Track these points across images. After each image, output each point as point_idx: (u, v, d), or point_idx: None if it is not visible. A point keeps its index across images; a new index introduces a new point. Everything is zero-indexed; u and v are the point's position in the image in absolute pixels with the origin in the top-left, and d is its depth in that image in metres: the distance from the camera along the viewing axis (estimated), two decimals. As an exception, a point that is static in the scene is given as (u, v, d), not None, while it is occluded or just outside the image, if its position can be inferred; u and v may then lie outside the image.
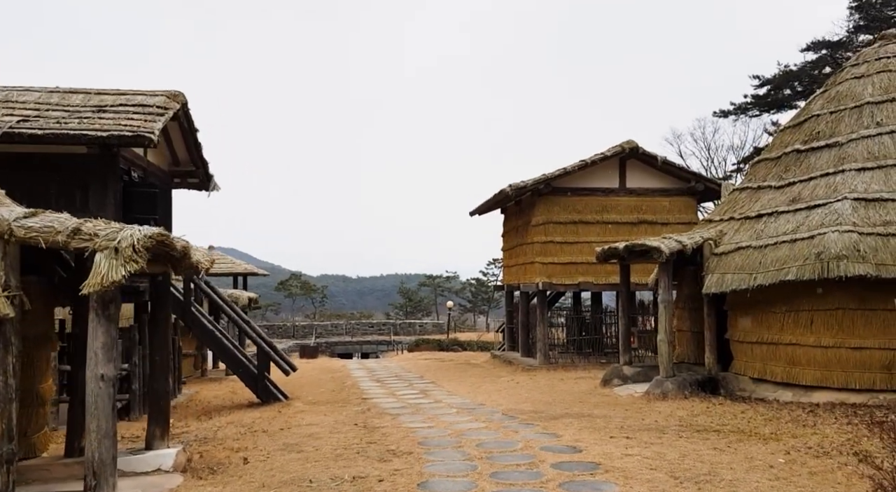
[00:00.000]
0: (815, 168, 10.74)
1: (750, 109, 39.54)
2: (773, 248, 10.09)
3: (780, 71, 36.73)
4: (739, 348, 10.89)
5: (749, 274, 10.13)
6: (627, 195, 18.22)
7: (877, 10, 33.93)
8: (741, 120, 41.11)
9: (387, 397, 12.51)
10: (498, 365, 19.46)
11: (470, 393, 12.81)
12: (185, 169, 14.11)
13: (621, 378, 12.44)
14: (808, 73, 36.38)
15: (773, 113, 39.51)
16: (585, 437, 7.76)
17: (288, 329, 43.03)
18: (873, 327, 9.26)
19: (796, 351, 9.88)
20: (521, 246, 19.38)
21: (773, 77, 37.29)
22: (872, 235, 9.20)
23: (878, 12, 33.89)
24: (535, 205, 17.96)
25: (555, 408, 10.37)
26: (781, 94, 37.75)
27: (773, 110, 39.34)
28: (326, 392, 13.87)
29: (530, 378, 15.18)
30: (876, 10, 33.96)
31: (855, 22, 34.89)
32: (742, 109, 39.74)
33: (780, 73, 36.73)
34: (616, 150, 17.74)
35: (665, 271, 10.95)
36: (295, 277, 60.18)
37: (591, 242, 17.04)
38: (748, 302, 10.52)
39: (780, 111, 39.21)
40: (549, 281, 17.51)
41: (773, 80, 37.20)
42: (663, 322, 10.90)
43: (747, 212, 11.20)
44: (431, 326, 44.64)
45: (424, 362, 21.79)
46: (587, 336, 18.84)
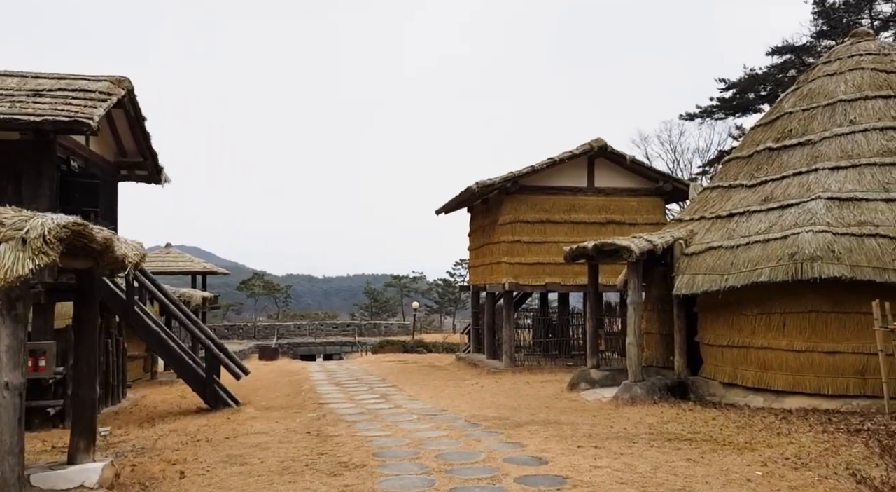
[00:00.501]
0: (787, 167, 10.47)
1: (715, 113, 39.77)
2: (745, 248, 9.77)
3: (745, 74, 36.99)
4: (710, 352, 10.56)
5: (720, 275, 9.80)
6: (596, 195, 17.91)
7: (839, 17, 34.36)
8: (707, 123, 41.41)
9: (345, 402, 11.91)
10: (463, 367, 18.98)
11: (432, 398, 12.28)
12: (132, 160, 13.34)
13: (589, 382, 12.04)
14: (774, 77, 36.72)
15: (738, 116, 39.81)
16: (552, 446, 7.29)
17: (249, 330, 41.93)
18: (847, 331, 8.98)
19: (768, 355, 9.58)
20: (487, 246, 18.94)
21: (738, 81, 37.53)
22: (847, 236, 8.93)
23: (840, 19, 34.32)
24: (503, 203, 17.53)
25: (520, 414, 9.90)
26: (747, 97, 38.04)
27: (739, 114, 39.62)
28: (281, 397, 13.21)
29: (495, 382, 14.72)
30: (838, 17, 34.39)
31: (819, 27, 35.29)
32: (708, 113, 39.95)
33: (745, 77, 36.98)
34: (585, 148, 17.41)
35: (635, 272, 10.57)
36: (258, 276, 58.92)
37: (558, 242, 16.68)
38: (719, 304, 10.19)
39: (745, 115, 39.51)
40: (516, 282, 17.09)
41: (739, 84, 37.46)
42: (633, 325, 10.52)
43: (719, 211, 10.89)
44: (397, 327, 43.98)
45: (388, 365, 21.20)
46: (554, 338, 18.47)
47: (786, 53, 36.43)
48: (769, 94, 37.71)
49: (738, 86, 37.46)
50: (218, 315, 56.02)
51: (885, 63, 10.79)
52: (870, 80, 10.61)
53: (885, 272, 8.55)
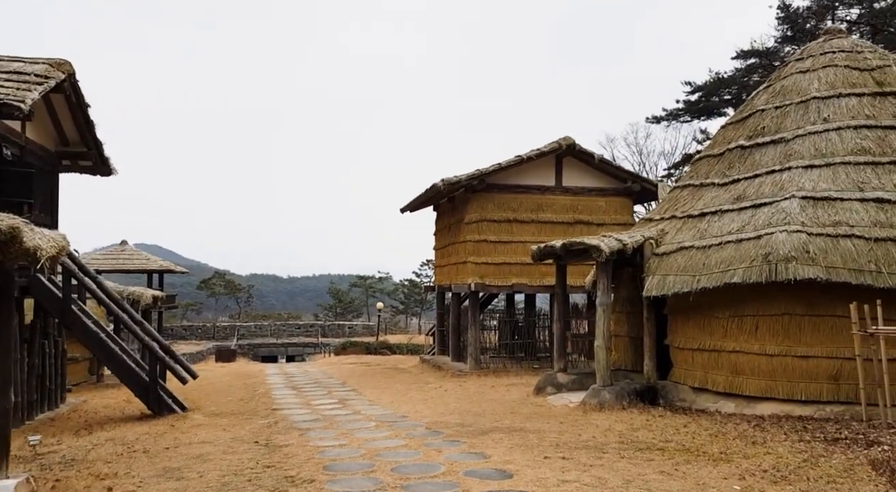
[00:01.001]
0: (760, 165, 10.19)
1: (681, 116, 39.91)
2: (717, 248, 9.45)
3: (711, 78, 37.16)
4: (680, 355, 10.22)
5: (692, 276, 9.46)
6: (563, 194, 17.55)
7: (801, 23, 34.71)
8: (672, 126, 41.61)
9: (300, 408, 11.29)
10: (427, 370, 18.45)
11: (393, 403, 11.73)
12: (75, 150, 12.50)
13: (555, 386, 11.62)
14: (739, 81, 36.98)
15: (703, 120, 40.03)
16: (517, 457, 6.81)
17: (208, 330, 40.77)
18: (821, 335, 8.70)
19: (740, 359, 9.26)
20: (453, 245, 18.45)
21: (704, 84, 37.68)
22: (822, 236, 8.65)
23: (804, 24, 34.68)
24: (469, 202, 17.06)
25: (484, 420, 9.42)
26: (712, 100, 38.25)
27: (704, 117, 39.82)
28: (234, 402, 12.52)
29: (460, 385, 14.23)
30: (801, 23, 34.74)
31: (783, 32, 35.62)
32: (673, 116, 40.06)
33: (711, 80, 37.15)
34: (553, 146, 17.03)
35: (604, 272, 10.17)
36: (219, 275, 57.60)
37: (525, 242, 16.28)
38: (690, 306, 9.86)
39: (710, 118, 39.72)
40: (482, 282, 16.64)
41: (705, 87, 37.61)
42: (602, 327, 10.12)
43: (690, 210, 10.56)
44: (362, 328, 43.24)
45: (349, 367, 20.57)
46: (520, 340, 18.05)
47: (751, 57, 36.71)
48: (734, 98, 38.02)
49: (704, 89, 37.63)
50: (177, 315, 54.56)
51: (858, 60, 10.59)
52: (843, 78, 10.39)
53: (861, 274, 8.28)
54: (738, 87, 37.25)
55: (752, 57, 36.32)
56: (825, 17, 34.45)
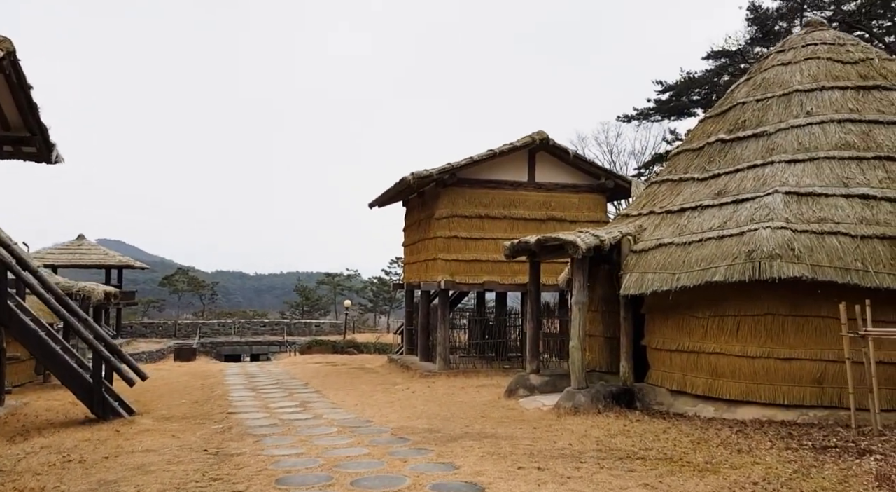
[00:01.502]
0: (741, 159, 9.82)
1: (652, 115, 39.89)
2: (697, 245, 9.05)
3: (682, 77, 37.16)
4: (657, 357, 9.82)
5: (672, 274, 9.05)
6: (536, 190, 17.12)
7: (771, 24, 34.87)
8: (643, 125, 41.64)
9: (258, 411, 10.63)
10: (394, 370, 17.87)
11: (358, 405, 11.14)
12: (17, 135, 11.61)
13: (528, 388, 11.14)
14: (709, 81, 37.05)
15: (673, 120, 40.07)
16: (489, 468, 6.29)
17: (169, 328, 39.54)
18: (804, 336, 8.35)
19: (720, 361, 8.88)
20: (423, 241, 17.89)
21: (675, 83, 37.67)
22: (807, 233, 8.29)
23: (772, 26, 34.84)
24: (440, 197, 16.52)
25: (453, 425, 8.89)
26: (683, 100, 38.26)
27: (674, 117, 39.86)
28: (188, 404, 11.79)
29: (428, 386, 13.68)
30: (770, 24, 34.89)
31: (753, 34, 35.75)
32: (644, 115, 40.03)
33: (682, 80, 37.15)
34: (526, 140, 16.58)
35: (581, 269, 9.71)
36: (182, 271, 56.17)
37: (497, 239, 15.82)
38: (669, 305, 9.46)
39: (680, 118, 39.80)
40: (452, 280, 16.11)
41: (676, 87, 37.60)
42: (577, 327, 9.65)
43: (669, 206, 10.16)
44: (329, 327, 42.40)
45: (314, 367, 19.88)
46: (491, 340, 17.57)
47: (721, 58, 36.78)
48: (704, 98, 38.14)
49: (675, 88, 37.63)
50: (138, 312, 53.12)
51: (840, 53, 10.30)
52: (826, 71, 10.09)
53: (848, 273, 7.94)
54: (709, 88, 37.36)
55: (723, 57, 36.42)
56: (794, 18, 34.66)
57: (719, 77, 36.56)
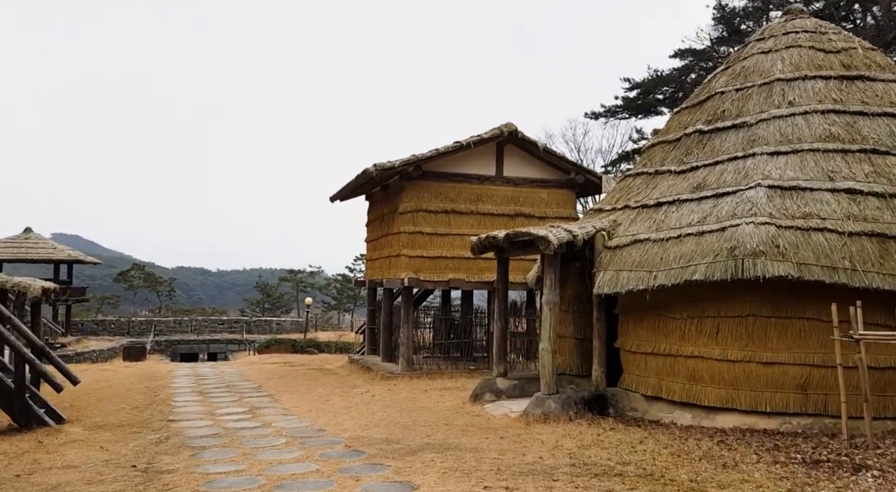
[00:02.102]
0: (721, 151, 9.31)
1: (620, 113, 39.67)
2: (676, 241, 8.50)
3: (650, 75, 36.99)
4: (631, 360, 9.25)
5: (648, 272, 8.48)
6: (504, 184, 16.50)
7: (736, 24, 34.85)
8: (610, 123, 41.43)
9: (201, 419, 9.78)
10: (355, 371, 17.09)
11: (312, 412, 10.36)
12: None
13: (494, 393, 10.49)
14: (676, 80, 36.96)
15: (640, 118, 39.93)
16: (451, 488, 5.61)
17: (123, 325, 38.04)
18: (788, 339, 7.85)
19: (698, 365, 8.34)
20: (386, 237, 17.14)
21: (643, 81, 37.49)
22: (792, 229, 7.79)
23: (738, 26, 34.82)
24: (404, 190, 15.78)
25: (414, 435, 8.19)
26: (650, 98, 38.09)
27: (641, 115, 39.70)
28: (126, 410, 10.87)
29: (389, 389, 12.96)
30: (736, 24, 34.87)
31: (719, 33, 35.72)
32: (612, 112, 39.78)
33: (650, 78, 36.98)
34: (494, 133, 15.94)
35: (552, 266, 9.09)
36: (137, 267, 54.34)
37: (463, 235, 15.17)
38: (644, 305, 8.90)
39: (647, 116, 39.65)
40: (416, 277, 15.40)
41: (643, 84, 37.42)
42: (548, 328, 9.03)
43: (645, 200, 9.60)
44: (291, 325, 41.29)
45: (271, 367, 18.97)
46: (456, 339, 16.90)
47: (688, 57, 36.69)
48: (671, 97, 38.05)
49: (642, 86, 37.45)
50: (92, 309, 51.21)
51: (822, 42, 9.86)
52: (808, 60, 9.63)
53: (836, 272, 7.45)
54: (676, 86, 37.28)
55: (690, 56, 36.33)
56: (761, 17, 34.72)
57: (686, 75, 36.51)
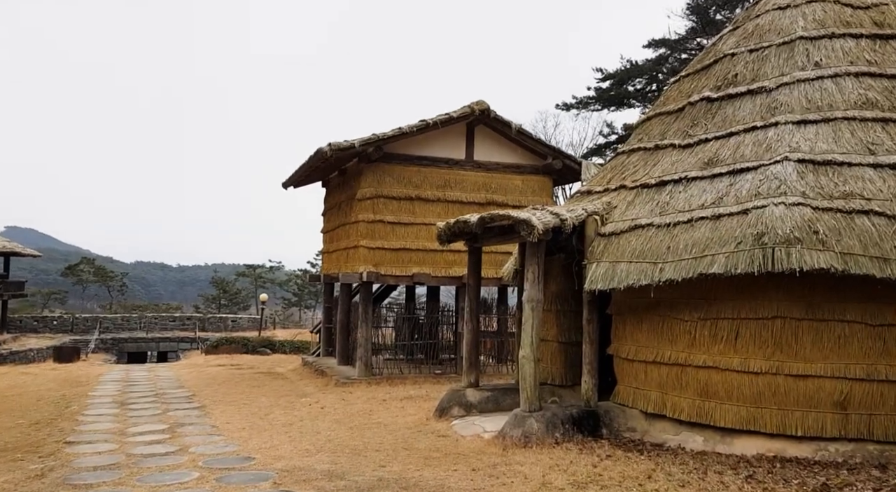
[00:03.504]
0: (735, 121, 7.84)
1: (592, 104, 38.35)
2: (686, 227, 7.00)
3: (623, 65, 35.77)
4: (628, 369, 7.75)
5: (652, 263, 6.97)
6: (475, 169, 14.92)
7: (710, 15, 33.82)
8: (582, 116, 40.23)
9: (105, 441, 7.98)
10: (307, 376, 15.36)
11: (245, 430, 8.64)
12: None
13: (464, 406, 8.90)
14: (649, 71, 35.88)
15: (612, 110, 38.71)
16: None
17: (66, 322, 35.54)
18: (824, 346, 6.42)
19: (712, 377, 6.86)
20: (343, 227, 15.43)
21: (615, 71, 36.26)
22: (831, 212, 6.36)
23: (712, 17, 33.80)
24: (363, 174, 14.10)
25: (364, 464, 6.56)
26: (623, 89, 36.90)
27: (613, 107, 38.48)
28: (22, 427, 8.99)
29: (343, 399, 11.30)
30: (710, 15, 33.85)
31: (693, 23, 34.69)
32: (583, 104, 38.42)
33: (622, 68, 35.77)
34: (464, 111, 14.33)
35: (536, 256, 7.51)
36: (87, 260, 51.46)
37: (429, 225, 13.52)
38: (645, 304, 7.40)
39: (619, 108, 38.45)
40: (376, 271, 13.74)
41: (616, 75, 36.18)
42: (530, 331, 7.46)
43: (645, 179, 8.09)
44: (247, 322, 39.15)
45: (214, 371, 17.11)
46: (421, 341, 15.28)
47: (661, 47, 35.58)
48: (643, 89, 36.98)
49: (615, 77, 36.21)
50: (37, 304, 48.35)
51: (850, -4, 8.46)
52: (834, 16, 8.22)
53: (888, 264, 6.03)
54: (649, 78, 36.23)
55: (663, 46, 35.25)
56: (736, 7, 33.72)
57: (659, 67, 35.47)
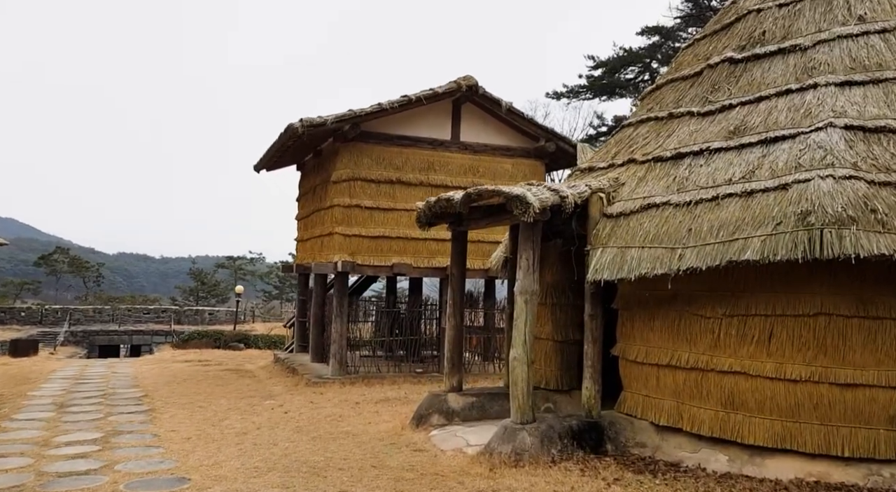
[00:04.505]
0: (765, 84, 6.72)
1: (583, 93, 37.23)
2: (711, 205, 5.88)
3: (616, 52, 34.67)
4: (637, 374, 6.62)
5: (670, 249, 5.84)
6: (461, 151, 13.77)
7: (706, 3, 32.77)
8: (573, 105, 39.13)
9: (20, 456, 6.74)
10: (277, 373, 14.16)
11: (190, 441, 7.44)
12: None
13: (445, 414, 7.75)
14: (643, 59, 34.85)
15: (604, 100, 37.61)
16: None
17: (34, 314, 34.05)
18: (878, 350, 5.32)
19: (739, 385, 5.75)
20: (317, 213, 14.22)
21: (608, 59, 35.16)
22: (890, 187, 5.25)
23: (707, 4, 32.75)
24: (338, 154, 12.89)
25: (321, 489, 5.40)
26: (616, 78, 35.82)
27: (605, 97, 37.40)
28: (-70, 439, 7.74)
29: (312, 401, 10.13)
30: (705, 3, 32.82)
31: (687, 11, 33.68)
32: (575, 92, 37.31)
33: (616, 56, 34.67)
34: (451, 87, 13.15)
35: (531, 240, 6.35)
36: (61, 250, 49.79)
37: (410, 211, 12.31)
38: (659, 298, 6.28)
39: (611, 98, 37.37)
40: (353, 261, 12.55)
41: (609, 63, 35.09)
42: (523, 328, 6.31)
43: (658, 151, 6.95)
44: (225, 315, 37.79)
45: (179, 367, 15.85)
46: (401, 337, 14.10)
47: (655, 34, 34.51)
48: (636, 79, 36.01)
49: (608, 64, 35.12)
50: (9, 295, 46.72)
51: (895, -55, 7.36)
52: (879, -34, 7.12)
53: (963, 249, 4.94)
54: (643, 67, 35.25)
55: (657, 34, 34.21)
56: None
57: (653, 54, 34.47)
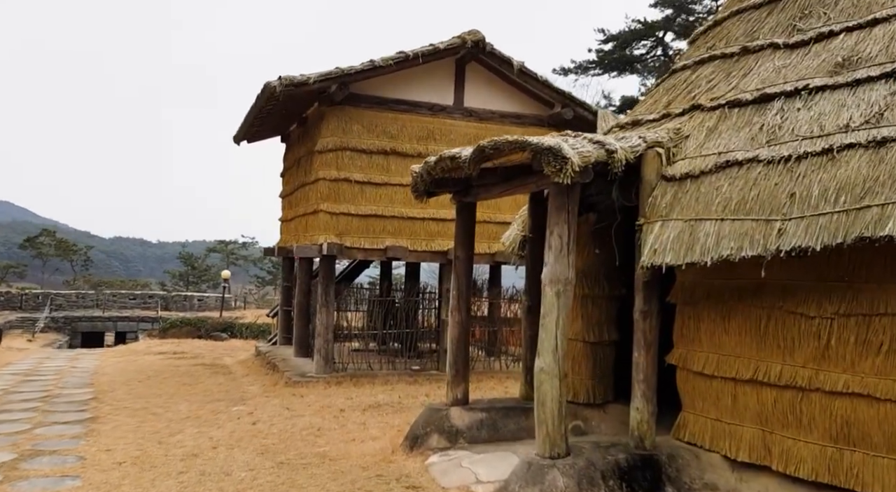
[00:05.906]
0: (878, 2, 5.05)
1: (592, 68, 35.43)
2: (821, 160, 4.22)
3: (628, 26, 32.83)
4: (705, 391, 5.00)
5: (764, 221, 4.19)
6: (465, 118, 12.09)
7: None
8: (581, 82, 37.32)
9: None
10: (256, 370, 12.57)
11: (121, 467, 5.82)
12: None
13: (447, 434, 6.12)
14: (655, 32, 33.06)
15: (613, 76, 35.81)
16: None
17: (14, 299, 32.51)
18: None
19: (860, 411, 4.13)
20: (302, 188, 12.57)
21: (619, 33, 33.35)
22: None
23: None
24: (324, 119, 11.22)
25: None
26: (626, 54, 34.01)
27: (615, 73, 35.60)
28: None
29: (288, 407, 8.53)
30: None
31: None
32: (583, 68, 35.49)
33: (627, 29, 32.85)
34: (453, 42, 11.46)
35: (564, 211, 4.67)
36: (47, 232, 48.12)
37: (407, 187, 10.55)
38: (737, 290, 4.64)
39: (621, 74, 35.57)
40: (340, 243, 10.92)
41: (620, 36, 33.28)
42: (553, 331, 4.66)
43: (732, 94, 5.27)
44: (215, 301, 36.28)
45: (149, 360, 14.25)
46: (396, 329, 12.48)
47: (668, 7, 32.69)
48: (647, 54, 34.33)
49: (619, 38, 33.30)
50: (-3, 280, 45.19)
51: None
52: None
53: None
54: (655, 41, 33.52)
55: (670, 7, 32.41)
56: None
57: (667, 27, 32.69)
